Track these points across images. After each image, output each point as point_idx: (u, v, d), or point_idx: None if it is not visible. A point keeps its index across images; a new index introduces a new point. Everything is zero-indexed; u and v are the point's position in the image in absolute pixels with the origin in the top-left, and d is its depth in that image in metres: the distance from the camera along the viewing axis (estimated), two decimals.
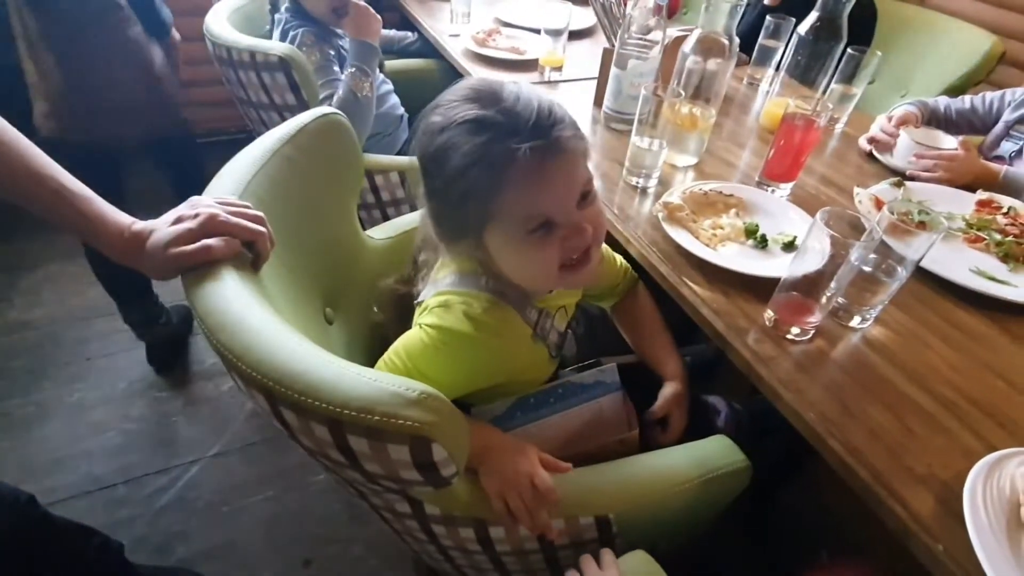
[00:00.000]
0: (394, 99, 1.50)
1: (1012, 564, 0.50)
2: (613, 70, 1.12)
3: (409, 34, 1.92)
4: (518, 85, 0.58)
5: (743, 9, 1.04)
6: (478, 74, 1.40)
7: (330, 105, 1.18)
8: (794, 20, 1.28)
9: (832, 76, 1.20)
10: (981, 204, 0.98)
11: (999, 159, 1.19)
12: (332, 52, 1.25)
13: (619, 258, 0.90)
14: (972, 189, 1.02)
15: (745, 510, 0.88)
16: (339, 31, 1.32)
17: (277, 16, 1.30)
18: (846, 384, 0.68)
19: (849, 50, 1.14)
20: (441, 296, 0.68)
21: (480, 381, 0.70)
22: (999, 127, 1.22)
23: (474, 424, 0.60)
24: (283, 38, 1.24)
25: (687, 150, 1.05)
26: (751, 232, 0.87)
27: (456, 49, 1.48)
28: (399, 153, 1.46)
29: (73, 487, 1.27)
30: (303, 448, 0.54)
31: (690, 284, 0.79)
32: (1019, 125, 1.19)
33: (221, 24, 1.17)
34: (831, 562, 0.78)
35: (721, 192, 0.94)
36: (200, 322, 0.52)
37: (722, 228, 0.87)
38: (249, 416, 1.45)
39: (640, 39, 1.09)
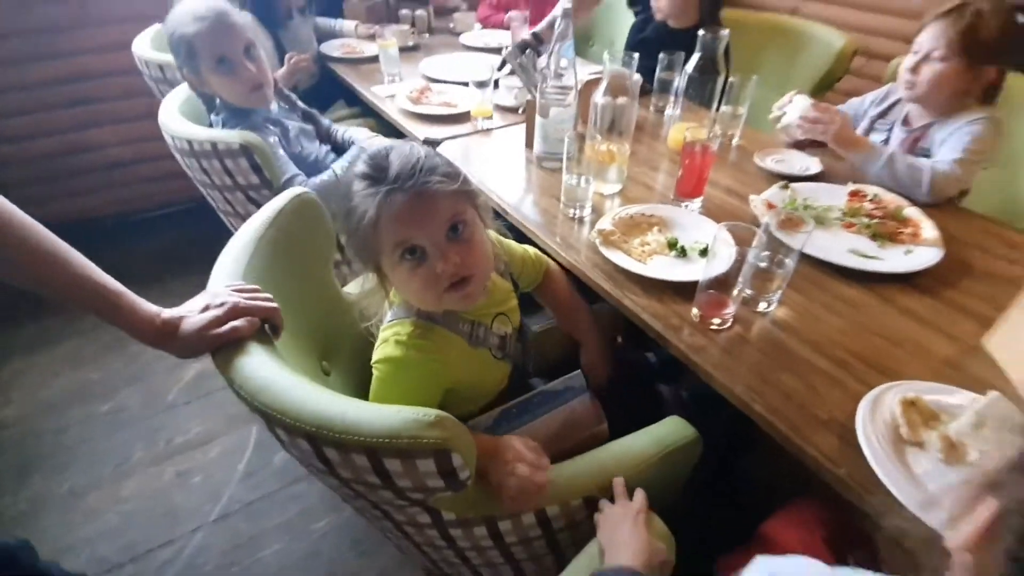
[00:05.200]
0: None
1: (900, 473, 0.67)
2: (538, 119, 1.29)
3: None
4: (404, 146, 0.75)
5: (637, 58, 1.23)
6: (416, 129, 1.53)
7: (304, 183, 1.29)
8: (683, 53, 1.50)
9: (721, 100, 1.41)
10: (852, 195, 1.20)
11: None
12: (273, 138, 1.33)
13: (532, 251, 1.05)
14: (843, 181, 1.24)
15: (710, 480, 1.04)
16: (272, 111, 1.41)
17: (214, 118, 1.37)
18: (761, 359, 0.85)
19: (732, 79, 1.36)
20: (381, 334, 0.83)
21: (436, 392, 0.82)
22: (864, 122, 1.46)
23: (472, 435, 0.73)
24: None
25: (610, 180, 1.23)
26: (672, 245, 1.04)
27: (393, 109, 1.62)
28: None
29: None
30: (340, 480, 0.65)
31: (630, 296, 0.95)
32: (881, 119, 1.44)
33: (175, 119, 1.26)
34: (791, 505, 0.93)
35: (644, 214, 1.12)
36: (240, 389, 0.63)
37: (648, 244, 1.04)
38: (243, 477, 1.51)
39: (557, 87, 1.26)
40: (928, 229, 1.09)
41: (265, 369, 0.64)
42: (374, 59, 1.92)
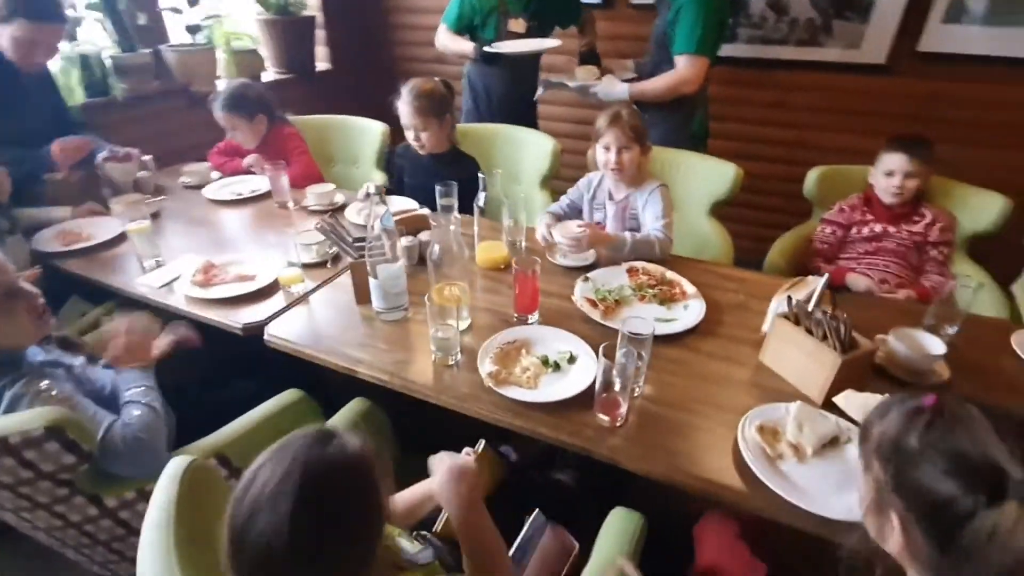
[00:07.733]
0: None
1: (778, 479, 0.95)
2: (370, 279, 1.32)
3: None
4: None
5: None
6: (222, 316, 1.38)
7: (123, 431, 1.06)
8: (456, 183, 1.72)
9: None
10: (630, 272, 1.56)
11: (599, 224, 1.83)
12: (68, 383, 1.08)
13: None
14: (617, 263, 1.60)
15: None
16: (49, 349, 1.15)
17: None
18: (653, 433, 1.07)
19: (505, 201, 1.63)
20: None
21: None
22: (585, 207, 1.88)
23: None
24: (10, 404, 1.01)
25: (463, 317, 1.34)
26: (546, 362, 1.21)
27: (180, 301, 1.42)
28: None
29: None
30: None
31: (541, 426, 1.08)
32: (594, 201, 1.87)
33: None
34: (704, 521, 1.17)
35: (508, 342, 1.26)
36: None
37: (529, 369, 1.19)
38: None
39: (378, 247, 1.32)
40: (687, 284, 1.50)
41: None
42: (114, 242, 1.64)
